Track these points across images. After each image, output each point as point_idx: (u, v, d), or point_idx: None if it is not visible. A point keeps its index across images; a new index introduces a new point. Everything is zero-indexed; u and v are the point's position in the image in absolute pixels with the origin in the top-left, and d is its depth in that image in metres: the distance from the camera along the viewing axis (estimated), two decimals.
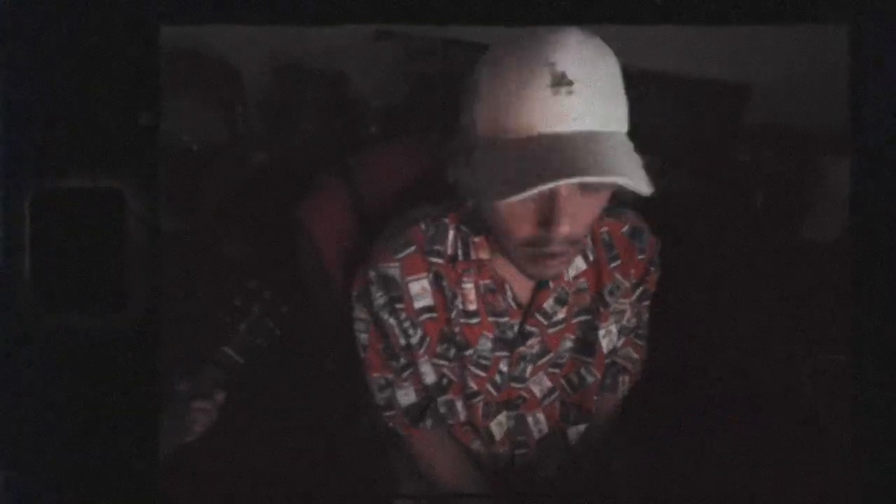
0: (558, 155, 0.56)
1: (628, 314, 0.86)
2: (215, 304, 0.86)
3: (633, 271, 0.83)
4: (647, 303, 0.88)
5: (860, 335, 0.57)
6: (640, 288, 0.85)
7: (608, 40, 0.62)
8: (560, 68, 0.57)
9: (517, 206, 0.62)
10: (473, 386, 0.83)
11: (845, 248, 0.58)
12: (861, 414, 0.57)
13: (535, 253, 0.66)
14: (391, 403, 0.85)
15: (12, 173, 0.55)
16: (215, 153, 1.48)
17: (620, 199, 0.68)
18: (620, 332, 0.86)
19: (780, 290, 1.20)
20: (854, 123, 0.56)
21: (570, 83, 0.56)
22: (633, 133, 0.63)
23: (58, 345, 0.56)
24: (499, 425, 0.86)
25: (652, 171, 0.61)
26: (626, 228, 0.83)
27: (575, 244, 0.66)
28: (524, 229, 0.64)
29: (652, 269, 0.85)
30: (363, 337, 0.83)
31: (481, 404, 0.84)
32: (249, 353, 0.84)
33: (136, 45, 0.55)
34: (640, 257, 0.83)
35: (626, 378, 0.90)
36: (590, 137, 0.57)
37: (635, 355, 0.90)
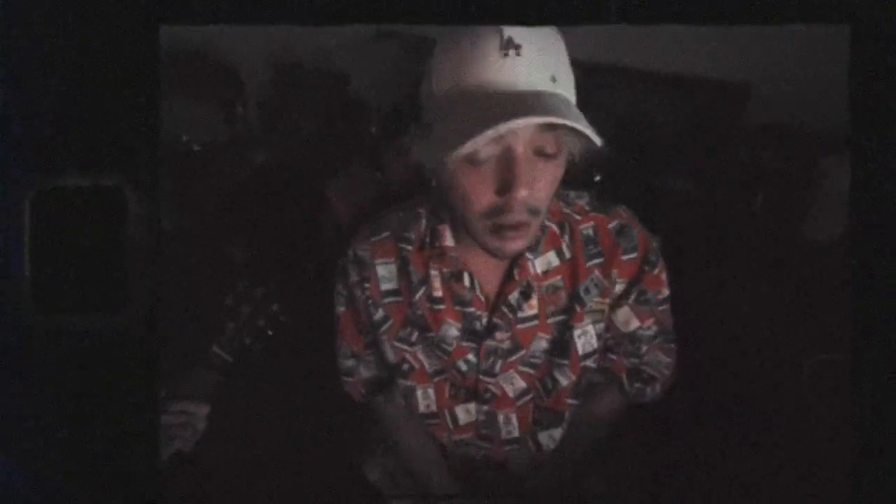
0: (509, 105, 0.59)
1: (634, 319, 0.84)
2: (208, 304, 0.88)
3: (616, 270, 0.81)
4: (664, 307, 0.85)
5: (860, 335, 0.57)
6: (636, 290, 0.82)
7: (608, 40, 0.62)
8: (507, 34, 0.61)
9: (474, 173, 0.64)
10: (437, 364, 0.85)
11: (845, 248, 0.58)
12: (861, 414, 0.57)
13: (496, 224, 0.66)
14: (352, 372, 0.91)
15: (12, 173, 0.55)
16: (215, 153, 1.48)
17: (601, 191, 0.72)
18: (635, 339, 0.84)
19: (780, 290, 1.20)
20: (854, 123, 0.56)
21: (517, 46, 0.60)
22: (634, 133, 0.63)
23: (58, 345, 0.56)
24: (466, 412, 0.87)
25: (623, 170, 0.63)
26: (613, 224, 0.82)
27: (535, 214, 0.67)
28: (483, 198, 0.65)
29: (647, 268, 0.82)
30: (339, 309, 0.89)
31: (447, 385, 0.85)
32: (239, 352, 0.85)
33: (136, 45, 0.55)
34: (626, 257, 0.81)
35: (657, 386, 0.88)
36: (538, 95, 0.61)
37: (666, 359, 0.88)
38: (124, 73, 0.55)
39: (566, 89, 0.64)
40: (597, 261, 0.81)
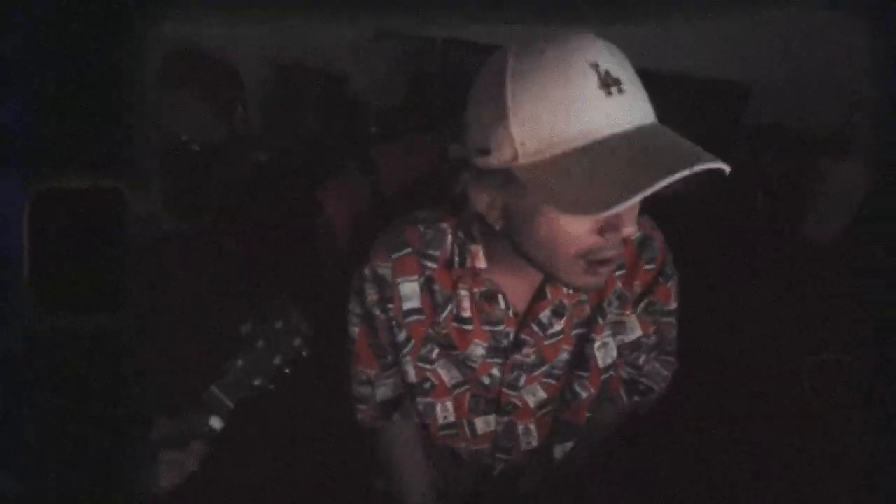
0: (646, 151, 0.54)
1: (637, 328, 0.83)
2: (216, 327, 0.78)
3: (637, 282, 0.80)
4: (669, 319, 0.83)
5: (860, 335, 0.57)
6: (646, 300, 0.81)
7: (608, 41, 0.62)
8: (604, 67, 0.55)
9: (581, 220, 0.59)
10: (459, 376, 0.82)
11: (845, 248, 0.58)
12: (861, 414, 0.57)
13: (590, 262, 0.63)
14: (366, 398, 0.86)
15: (12, 173, 0.55)
16: (215, 153, 1.48)
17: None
18: (635, 348, 0.83)
19: (781, 289, 1.20)
20: (855, 123, 0.56)
21: (618, 81, 0.55)
22: None
23: (58, 345, 0.56)
24: (485, 423, 0.85)
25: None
26: (636, 236, 0.79)
27: (623, 247, 0.65)
28: (586, 241, 0.61)
29: (661, 279, 0.80)
30: (354, 330, 0.83)
31: (468, 395, 0.83)
32: (243, 394, 0.75)
33: (135, 44, 0.55)
34: (647, 267, 0.80)
35: (653, 398, 0.88)
36: (651, 131, 0.57)
37: (664, 372, 0.87)
38: (124, 73, 0.55)
39: (652, 110, 0.60)
40: (620, 272, 0.79)
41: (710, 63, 1.41)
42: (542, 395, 0.83)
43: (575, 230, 0.61)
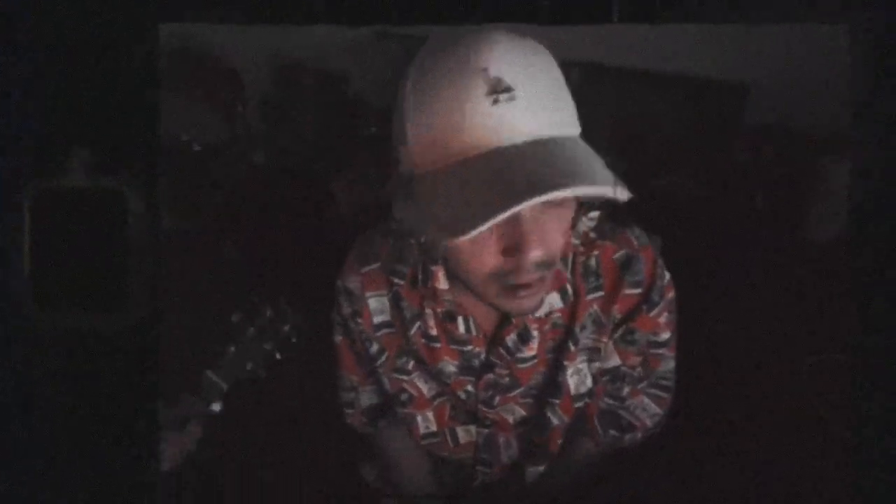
0: (516, 171, 0.49)
1: (614, 356, 0.76)
2: (207, 321, 0.83)
3: (616, 307, 0.72)
4: (659, 350, 0.75)
5: (860, 335, 0.57)
6: (623, 327, 0.73)
7: (609, 41, 0.61)
8: (494, 73, 0.50)
9: (476, 238, 0.52)
10: (436, 388, 0.80)
11: (845, 248, 0.58)
12: (861, 414, 0.57)
13: (506, 285, 0.58)
14: (352, 403, 0.86)
15: (12, 173, 0.55)
16: (215, 153, 1.48)
17: (616, 212, 0.63)
18: (616, 377, 0.76)
19: (780, 289, 1.20)
20: (854, 123, 0.56)
21: (508, 88, 0.50)
22: (633, 134, 0.62)
23: (58, 344, 0.56)
24: (467, 433, 0.82)
25: (618, 172, 0.53)
26: (619, 255, 0.72)
27: (549, 267, 0.58)
28: (488, 262, 0.56)
29: (644, 307, 0.72)
30: (337, 338, 0.83)
31: (448, 405, 0.81)
32: (237, 379, 0.79)
33: (136, 45, 0.55)
34: (629, 291, 0.72)
35: (637, 434, 0.80)
36: (543, 145, 0.51)
37: (654, 407, 0.79)
38: (124, 72, 0.55)
39: (571, 125, 0.55)
40: (597, 294, 0.72)
41: (709, 63, 1.41)
42: (520, 412, 0.79)
43: (475, 249, 0.56)
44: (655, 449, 0.90)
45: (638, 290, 0.72)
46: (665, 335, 0.75)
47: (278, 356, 0.80)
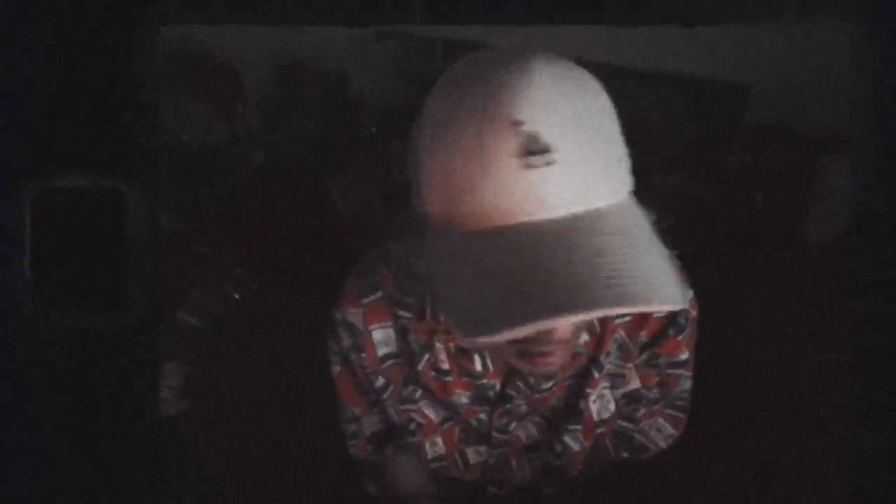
0: (550, 264, 0.40)
1: (635, 380, 0.73)
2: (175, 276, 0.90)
3: (644, 332, 0.69)
4: (679, 371, 0.73)
5: (860, 335, 0.57)
6: (649, 351, 0.71)
7: (608, 40, 0.61)
8: (530, 127, 0.40)
9: None
10: (444, 413, 0.75)
11: (845, 248, 0.58)
12: (861, 414, 0.57)
13: (522, 353, 0.53)
14: (356, 433, 0.80)
15: (12, 173, 0.55)
16: (215, 153, 1.48)
17: None
18: (633, 399, 0.74)
19: (780, 289, 1.20)
20: (854, 123, 0.56)
21: (546, 150, 0.40)
22: (633, 134, 0.59)
23: (58, 345, 0.56)
24: (477, 454, 0.78)
25: (661, 229, 0.46)
26: None
27: (568, 341, 0.53)
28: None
29: (672, 331, 0.69)
30: (335, 370, 0.77)
31: (457, 429, 0.77)
32: (206, 317, 0.88)
33: (136, 45, 0.55)
34: (656, 315, 0.69)
35: (647, 454, 0.79)
36: (587, 226, 0.41)
37: (669, 429, 0.78)
38: (124, 73, 0.55)
39: (621, 184, 0.45)
40: (624, 320, 0.68)
41: (710, 63, 1.41)
42: (534, 433, 0.76)
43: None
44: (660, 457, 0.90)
45: (664, 314, 0.69)
46: (685, 355, 0.72)
47: (236, 296, 0.89)
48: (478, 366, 0.69)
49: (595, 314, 0.39)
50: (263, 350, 1.10)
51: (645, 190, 0.61)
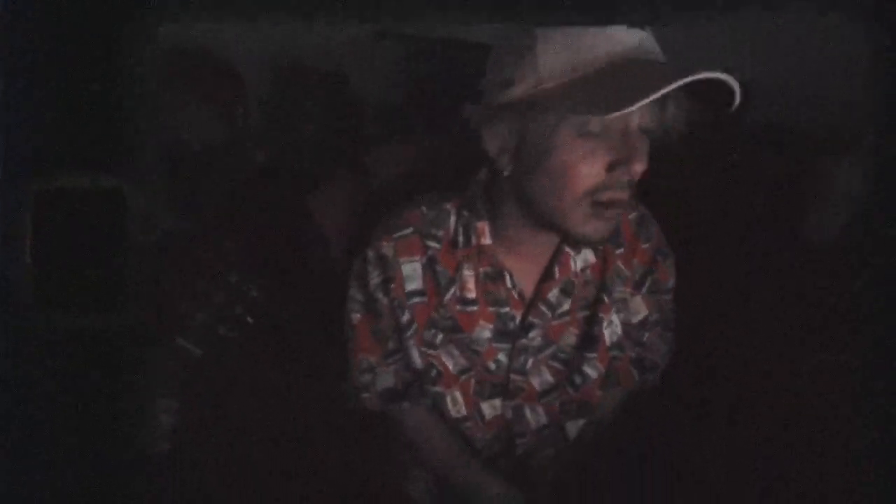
0: (654, 69, 0.59)
1: (643, 308, 0.85)
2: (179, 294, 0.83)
3: (636, 260, 0.83)
4: (668, 296, 0.87)
5: (860, 335, 0.57)
6: (650, 278, 0.84)
7: None
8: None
9: (583, 148, 0.62)
10: (464, 362, 0.81)
11: (845, 248, 0.58)
12: (862, 414, 0.57)
13: (598, 202, 0.65)
14: (368, 386, 0.84)
15: (12, 173, 0.55)
16: (215, 153, 1.48)
17: None
18: (642, 326, 0.86)
19: (781, 290, 1.19)
20: (853, 123, 0.56)
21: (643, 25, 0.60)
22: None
23: (58, 345, 0.56)
24: (492, 407, 0.84)
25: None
26: (633, 215, 0.82)
27: (631, 191, 0.66)
28: (591, 176, 0.63)
29: (660, 258, 0.84)
30: (355, 317, 0.82)
31: (473, 381, 0.82)
32: (210, 344, 0.80)
33: (136, 44, 0.55)
34: (644, 245, 0.83)
35: (657, 374, 0.90)
36: (668, 64, 0.61)
37: (664, 346, 0.89)
38: (124, 73, 0.55)
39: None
40: (619, 251, 0.82)
41: (709, 62, 1.41)
42: (548, 378, 0.83)
43: (586, 163, 0.62)
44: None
45: (648, 245, 0.83)
46: (671, 282, 0.86)
47: (250, 319, 0.83)
48: (508, 283, 0.78)
49: (694, 77, 0.59)
50: (272, 390, 1.02)
51: (645, 189, 0.62)
